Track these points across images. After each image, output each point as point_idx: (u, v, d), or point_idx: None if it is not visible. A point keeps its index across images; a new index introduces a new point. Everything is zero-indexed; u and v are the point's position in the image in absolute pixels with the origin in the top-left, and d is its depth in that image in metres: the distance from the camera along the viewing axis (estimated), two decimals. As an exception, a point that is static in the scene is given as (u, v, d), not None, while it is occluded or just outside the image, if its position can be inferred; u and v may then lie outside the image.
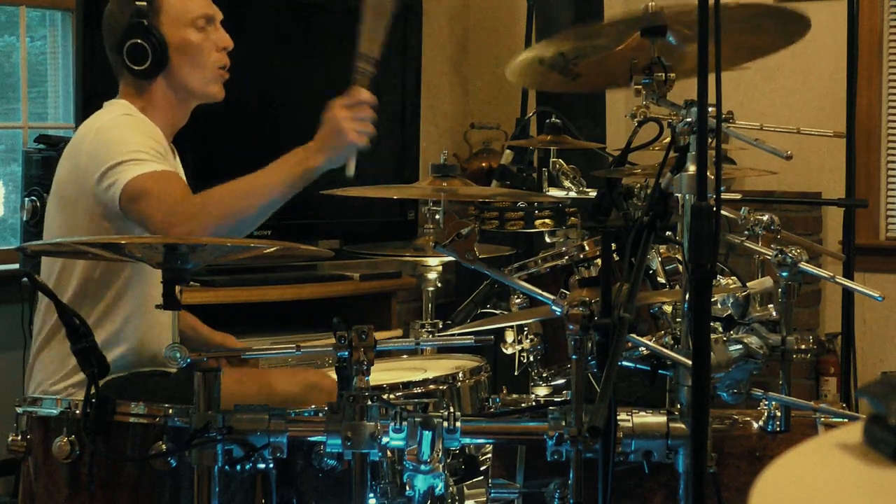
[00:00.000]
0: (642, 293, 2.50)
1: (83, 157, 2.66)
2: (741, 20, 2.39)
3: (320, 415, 2.18)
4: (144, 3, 2.77)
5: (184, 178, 2.67)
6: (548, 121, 3.56)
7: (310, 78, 4.57)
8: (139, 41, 2.77)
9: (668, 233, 2.20)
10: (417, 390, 2.45)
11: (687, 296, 2.14)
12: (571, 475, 2.14)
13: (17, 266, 4.26)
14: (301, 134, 4.66)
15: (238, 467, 2.16)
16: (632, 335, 2.15)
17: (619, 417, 2.16)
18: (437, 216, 2.95)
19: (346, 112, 2.61)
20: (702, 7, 1.87)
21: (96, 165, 2.62)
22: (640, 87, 2.28)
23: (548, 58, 2.50)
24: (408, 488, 2.14)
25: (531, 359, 2.83)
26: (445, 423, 2.12)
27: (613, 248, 2.19)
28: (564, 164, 3.44)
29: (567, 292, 2.63)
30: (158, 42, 2.77)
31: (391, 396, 2.36)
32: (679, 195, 2.14)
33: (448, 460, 2.22)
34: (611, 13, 5.07)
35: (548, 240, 3.49)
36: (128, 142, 2.63)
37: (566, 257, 2.90)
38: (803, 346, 2.39)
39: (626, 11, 2.29)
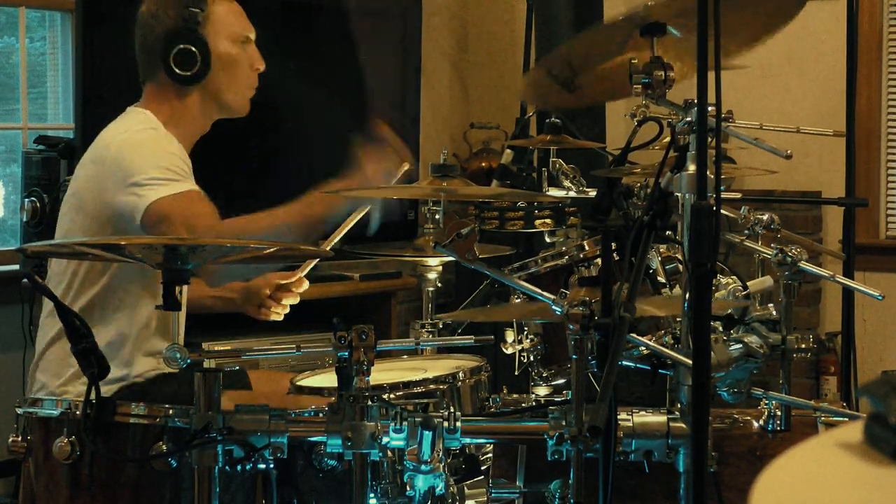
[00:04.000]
0: (641, 297, 2.50)
1: (106, 166, 2.67)
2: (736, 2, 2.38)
3: (320, 415, 2.18)
4: (198, 11, 2.77)
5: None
6: (547, 120, 3.56)
7: (308, 79, 4.57)
8: (190, 47, 2.76)
9: (668, 232, 2.20)
10: (417, 390, 2.45)
11: (687, 295, 2.14)
12: (572, 475, 2.14)
13: (17, 267, 4.25)
14: (299, 134, 4.66)
15: (238, 467, 2.16)
16: (632, 335, 2.15)
17: (619, 417, 2.16)
18: (437, 216, 2.95)
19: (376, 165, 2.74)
20: (701, 6, 1.87)
21: (120, 178, 2.64)
22: (639, 86, 2.28)
23: (556, 67, 2.50)
24: (408, 488, 2.14)
25: (531, 359, 2.83)
26: (446, 423, 2.12)
27: (613, 247, 2.19)
28: (564, 164, 3.44)
29: (567, 292, 2.63)
30: (206, 52, 2.77)
31: (391, 396, 2.36)
32: (679, 194, 2.14)
33: (448, 460, 2.22)
34: (611, 13, 5.08)
35: (548, 240, 3.49)
36: (153, 158, 2.65)
37: (566, 257, 2.90)
38: (803, 346, 2.39)
39: (627, 8, 2.28)
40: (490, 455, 2.45)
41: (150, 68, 2.81)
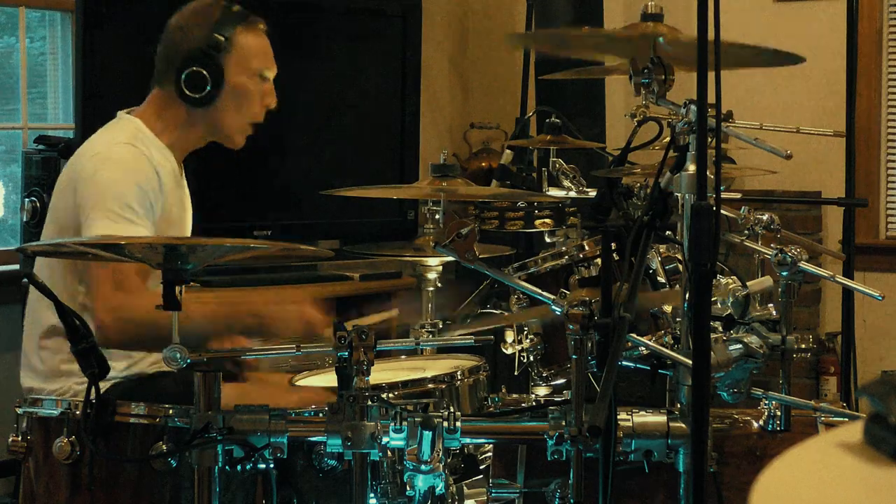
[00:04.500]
0: (642, 294, 2.50)
1: (79, 186, 2.69)
2: (735, 55, 2.39)
3: (320, 415, 2.18)
4: (223, 39, 2.78)
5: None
6: (547, 120, 3.56)
7: (309, 78, 4.57)
8: (203, 71, 2.76)
9: (668, 232, 2.20)
10: (417, 390, 2.45)
11: (687, 295, 2.14)
12: (572, 475, 2.14)
13: (16, 267, 4.25)
14: (300, 134, 4.65)
15: (238, 467, 2.16)
16: (632, 335, 2.15)
17: (619, 417, 2.16)
18: (437, 216, 2.95)
19: (318, 317, 2.65)
20: (701, 7, 1.87)
21: (85, 203, 2.65)
22: (639, 86, 2.28)
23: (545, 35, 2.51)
24: (408, 488, 2.14)
25: (531, 359, 2.83)
26: (445, 423, 2.12)
27: (613, 247, 2.19)
28: (564, 164, 3.44)
29: (567, 292, 2.63)
30: (220, 79, 2.78)
31: (391, 396, 2.36)
32: (679, 194, 2.14)
33: (448, 460, 2.22)
34: (611, 15, 5.08)
35: (548, 240, 3.49)
36: (117, 185, 2.64)
37: (566, 257, 2.90)
38: (803, 346, 2.38)
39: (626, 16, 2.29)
40: (490, 455, 2.45)
41: (163, 77, 2.82)
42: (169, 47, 2.82)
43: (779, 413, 2.48)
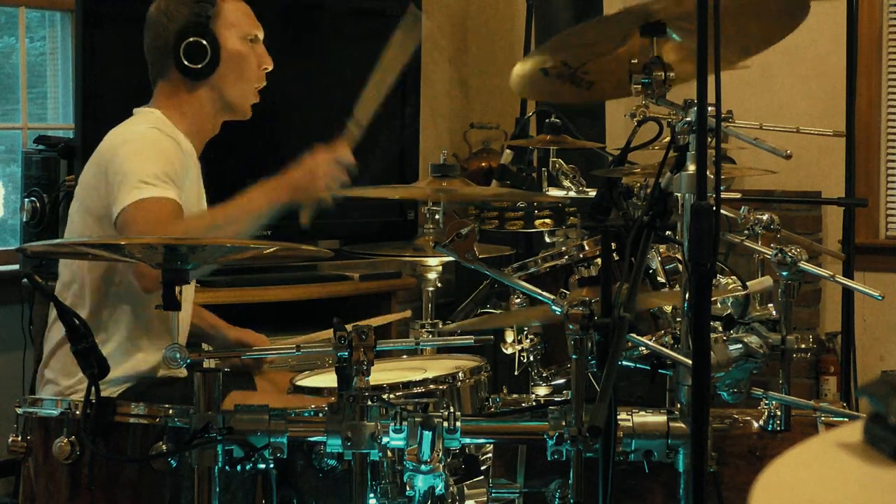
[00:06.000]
0: (642, 294, 2.50)
1: (108, 168, 2.68)
2: (738, 8, 2.38)
3: (320, 415, 2.18)
4: (209, 5, 2.78)
5: (180, 200, 2.65)
6: (547, 120, 3.56)
7: (310, 78, 4.57)
8: (200, 40, 2.77)
9: (667, 232, 2.20)
10: (417, 390, 2.45)
11: (687, 295, 2.14)
12: (572, 475, 2.14)
13: (17, 267, 4.26)
14: (300, 134, 4.65)
15: (238, 467, 2.16)
16: (632, 335, 2.15)
17: (619, 417, 2.16)
18: (437, 216, 2.95)
19: (326, 161, 2.72)
20: (701, 5, 1.87)
21: (113, 181, 2.64)
22: (639, 86, 2.28)
23: (550, 67, 2.49)
24: (408, 488, 2.14)
25: (531, 358, 2.83)
26: (445, 423, 2.12)
27: (613, 247, 2.19)
28: (564, 164, 3.44)
29: (567, 292, 2.63)
30: (216, 46, 2.78)
31: (391, 396, 2.36)
32: (679, 194, 2.14)
33: (448, 460, 2.22)
34: (610, 12, 5.08)
35: (547, 239, 3.49)
36: (142, 164, 2.63)
37: (566, 257, 2.90)
38: (803, 346, 2.39)
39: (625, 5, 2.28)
40: (490, 455, 2.45)
41: (160, 66, 2.82)
42: (158, 35, 2.81)
43: (779, 413, 2.48)
